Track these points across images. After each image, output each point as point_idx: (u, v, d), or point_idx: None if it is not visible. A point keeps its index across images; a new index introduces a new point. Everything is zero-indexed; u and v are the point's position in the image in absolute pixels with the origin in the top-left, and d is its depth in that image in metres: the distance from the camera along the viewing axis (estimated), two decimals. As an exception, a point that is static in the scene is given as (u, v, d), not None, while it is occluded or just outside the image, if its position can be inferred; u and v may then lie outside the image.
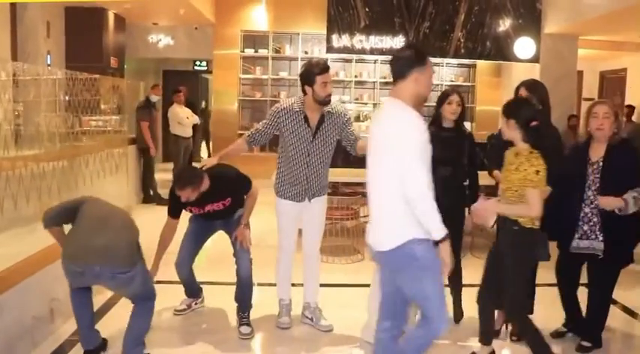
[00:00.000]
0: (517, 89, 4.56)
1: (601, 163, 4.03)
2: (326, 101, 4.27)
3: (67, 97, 5.29)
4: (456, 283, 4.69)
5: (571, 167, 4.14)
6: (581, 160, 4.10)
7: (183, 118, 10.54)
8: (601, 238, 4.05)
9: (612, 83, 14.81)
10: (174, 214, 4.44)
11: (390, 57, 3.39)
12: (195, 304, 4.89)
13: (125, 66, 12.79)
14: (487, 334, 4.02)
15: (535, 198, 3.55)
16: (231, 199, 4.43)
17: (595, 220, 4.07)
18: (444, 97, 4.53)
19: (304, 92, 4.32)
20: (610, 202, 3.92)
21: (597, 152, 4.06)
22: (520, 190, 3.60)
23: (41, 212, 3.90)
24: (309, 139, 4.31)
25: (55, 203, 4.12)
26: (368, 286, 4.44)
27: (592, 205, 4.07)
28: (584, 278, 4.33)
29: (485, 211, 3.80)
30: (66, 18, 11.28)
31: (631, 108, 12.06)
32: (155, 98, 9.95)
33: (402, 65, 3.23)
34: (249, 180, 4.50)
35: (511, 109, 3.73)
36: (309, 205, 4.46)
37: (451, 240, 3.07)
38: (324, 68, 4.26)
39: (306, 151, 4.32)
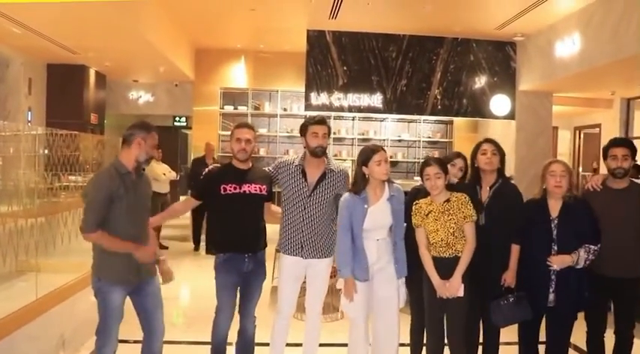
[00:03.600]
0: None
1: (556, 221, 4.13)
2: (317, 152, 4.33)
3: (46, 153, 5.28)
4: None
5: (537, 224, 4.21)
6: (544, 217, 4.17)
7: (159, 175, 10.47)
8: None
9: (587, 139, 15.11)
10: (199, 195, 4.49)
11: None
12: None
13: (105, 122, 12.83)
14: None
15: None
16: (267, 188, 4.41)
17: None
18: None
19: (304, 145, 4.44)
20: (563, 260, 4.04)
21: (554, 208, 4.16)
22: (452, 236, 3.97)
23: (17, 271, 3.84)
24: (305, 194, 4.35)
25: (32, 261, 4.07)
26: (346, 345, 4.40)
27: None
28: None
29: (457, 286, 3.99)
30: (48, 75, 11.38)
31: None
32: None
33: None
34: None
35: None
36: (312, 266, 4.43)
37: None
38: (318, 121, 4.38)
39: (302, 205, 4.35)
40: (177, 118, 14.88)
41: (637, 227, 4.27)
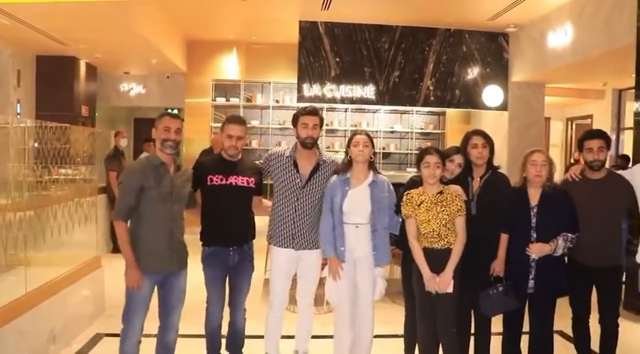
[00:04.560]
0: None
1: (535, 209, 4.17)
2: (307, 143, 4.34)
3: (36, 146, 5.24)
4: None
5: (517, 212, 4.25)
6: (524, 205, 4.22)
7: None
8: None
9: (579, 130, 15.13)
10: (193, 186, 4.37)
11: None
12: None
13: (96, 114, 12.76)
14: None
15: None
16: (255, 181, 4.39)
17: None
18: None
19: (295, 136, 4.45)
20: (541, 249, 4.09)
21: (534, 197, 4.21)
22: (445, 227, 3.99)
23: (6, 265, 3.82)
24: (298, 185, 4.35)
25: (21, 255, 4.04)
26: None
27: None
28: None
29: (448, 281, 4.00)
30: (37, 67, 11.27)
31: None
32: (124, 143, 9.85)
33: None
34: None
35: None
36: (303, 258, 4.44)
37: None
38: (308, 111, 4.40)
39: (295, 196, 4.36)
40: (169, 111, 14.77)
41: (616, 216, 4.38)
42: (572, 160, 12.39)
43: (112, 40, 9.98)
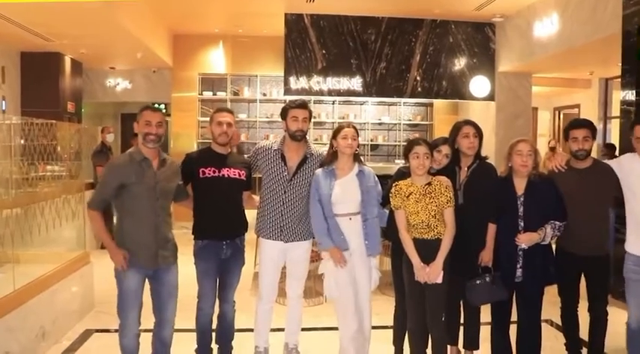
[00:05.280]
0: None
1: (522, 198, 4.19)
2: (296, 136, 4.35)
3: (22, 143, 5.20)
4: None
5: (504, 202, 4.26)
6: (510, 195, 4.23)
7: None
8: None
9: (567, 119, 15.18)
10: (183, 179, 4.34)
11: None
12: None
13: (82, 110, 12.68)
14: None
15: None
16: (245, 174, 4.39)
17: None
18: None
19: (284, 129, 4.46)
20: (530, 238, 4.10)
21: (520, 186, 4.22)
22: (434, 218, 3.99)
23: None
24: (286, 178, 4.36)
25: (8, 252, 4.02)
26: (330, 329, 4.41)
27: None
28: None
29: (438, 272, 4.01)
30: (22, 63, 11.20)
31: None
32: (110, 138, 9.78)
33: None
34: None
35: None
36: (292, 250, 4.45)
37: None
38: (298, 104, 4.41)
39: (283, 189, 4.36)
40: (155, 105, 14.72)
41: (603, 205, 4.40)
42: (549, 147, 12.42)
43: (97, 35, 9.91)
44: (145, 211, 3.93)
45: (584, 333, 4.53)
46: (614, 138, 11.07)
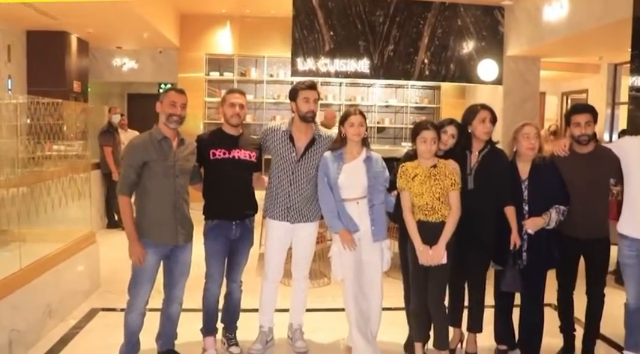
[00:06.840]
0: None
1: (526, 183, 4.21)
2: (307, 118, 4.37)
3: (28, 122, 5.20)
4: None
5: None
6: (515, 180, 4.25)
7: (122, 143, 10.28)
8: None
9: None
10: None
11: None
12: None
13: (89, 90, 12.66)
14: None
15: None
16: (256, 155, 4.41)
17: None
18: None
19: (292, 110, 4.47)
20: (536, 223, 4.14)
21: (524, 171, 4.24)
22: (438, 201, 3.99)
23: (0, 241, 3.82)
24: (294, 159, 4.38)
25: (15, 231, 4.04)
26: (335, 310, 4.42)
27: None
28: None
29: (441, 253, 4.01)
30: (28, 42, 11.16)
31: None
32: (115, 119, 9.76)
33: None
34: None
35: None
36: (298, 231, 4.47)
37: None
38: (309, 85, 4.41)
39: (290, 169, 4.38)
40: (162, 86, 14.64)
41: (604, 189, 4.44)
42: (549, 131, 12.36)
43: (104, 15, 9.85)
44: (165, 188, 3.98)
45: (579, 313, 4.56)
46: (622, 124, 11.02)
